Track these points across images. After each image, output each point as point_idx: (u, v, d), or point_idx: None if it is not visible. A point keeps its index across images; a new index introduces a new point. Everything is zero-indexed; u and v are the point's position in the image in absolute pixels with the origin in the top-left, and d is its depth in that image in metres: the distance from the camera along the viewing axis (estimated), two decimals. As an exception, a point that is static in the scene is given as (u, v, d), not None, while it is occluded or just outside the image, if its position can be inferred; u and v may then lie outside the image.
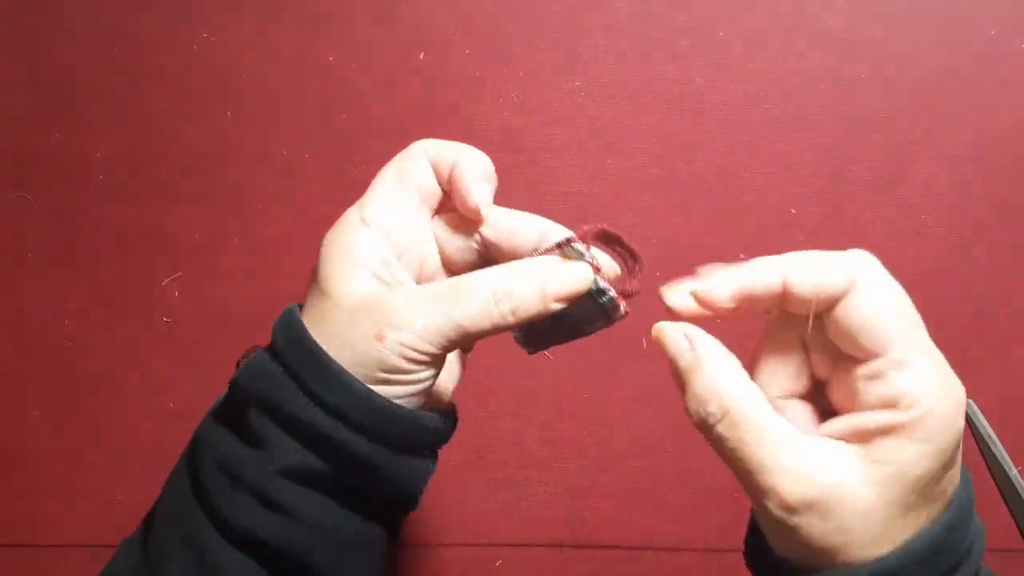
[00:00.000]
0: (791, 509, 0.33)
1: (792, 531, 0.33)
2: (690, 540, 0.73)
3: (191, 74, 0.78)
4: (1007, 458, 0.71)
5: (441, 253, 0.42)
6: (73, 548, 0.74)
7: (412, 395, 0.38)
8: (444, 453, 0.42)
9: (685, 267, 0.38)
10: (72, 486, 0.74)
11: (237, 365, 0.41)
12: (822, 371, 0.37)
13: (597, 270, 0.39)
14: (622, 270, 0.41)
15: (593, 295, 0.39)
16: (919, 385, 0.33)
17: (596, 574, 0.73)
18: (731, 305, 0.36)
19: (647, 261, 0.77)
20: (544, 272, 0.38)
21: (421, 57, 0.78)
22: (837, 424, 0.35)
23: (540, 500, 0.74)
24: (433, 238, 0.42)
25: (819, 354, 0.37)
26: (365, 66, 0.78)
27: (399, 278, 0.39)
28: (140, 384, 0.75)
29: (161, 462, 0.77)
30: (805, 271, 0.35)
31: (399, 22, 0.78)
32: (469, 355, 0.47)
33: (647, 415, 0.74)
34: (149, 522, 0.42)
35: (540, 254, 0.39)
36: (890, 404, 0.33)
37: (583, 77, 0.77)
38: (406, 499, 0.41)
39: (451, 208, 0.42)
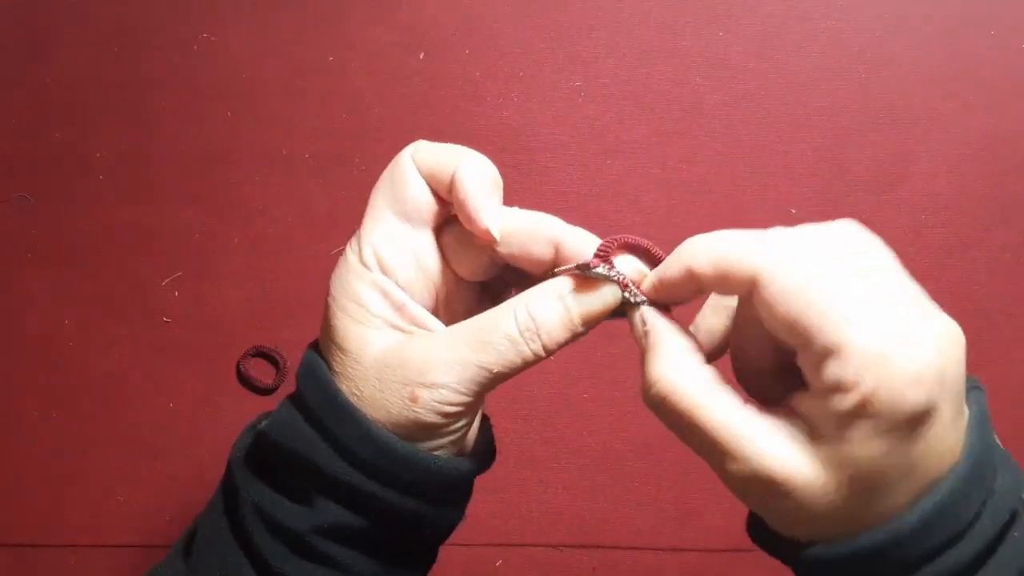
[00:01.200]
0: (738, 490, 0.33)
1: (772, 515, 0.33)
2: (690, 540, 0.73)
3: (191, 74, 0.78)
4: (1007, 458, 0.71)
5: (454, 270, 0.39)
6: (73, 548, 0.74)
7: (450, 444, 0.37)
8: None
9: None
10: (72, 486, 0.74)
11: (238, 368, 0.40)
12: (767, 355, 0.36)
13: (624, 286, 0.36)
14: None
15: (625, 306, 0.37)
16: (860, 361, 0.30)
17: (596, 574, 0.73)
18: (656, 296, 0.37)
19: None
20: (569, 299, 0.36)
21: (421, 57, 0.78)
22: (783, 407, 0.33)
23: (540, 500, 0.74)
24: (438, 260, 0.38)
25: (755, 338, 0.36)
26: (365, 66, 0.78)
27: (418, 318, 0.37)
28: (140, 384, 0.75)
29: (161, 462, 0.77)
30: (707, 267, 0.34)
31: (399, 22, 0.78)
32: None
33: (647, 415, 0.74)
34: (187, 550, 0.41)
35: (561, 273, 0.37)
36: (832, 390, 0.31)
37: (583, 77, 0.77)
38: (436, 546, 0.41)
39: (452, 219, 0.39)
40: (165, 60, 0.78)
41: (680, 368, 0.34)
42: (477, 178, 0.36)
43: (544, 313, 0.36)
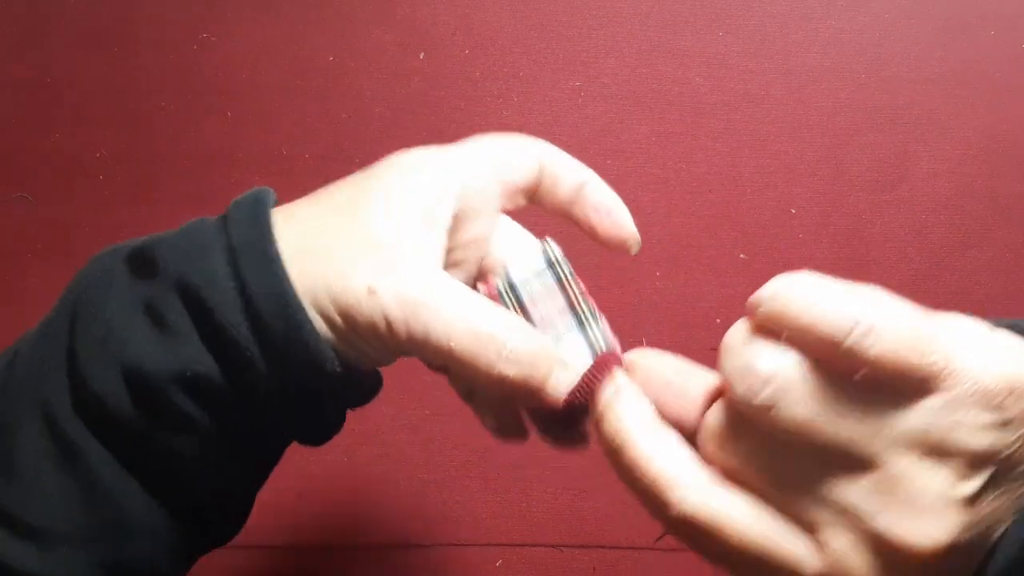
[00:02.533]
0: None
1: None
2: (690, 540, 0.73)
3: (191, 74, 0.78)
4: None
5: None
6: (73, 548, 0.74)
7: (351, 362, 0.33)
8: (444, 453, 0.42)
9: (685, 267, 0.38)
10: (72, 486, 0.74)
11: None
12: None
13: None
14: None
15: None
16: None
17: (596, 574, 0.73)
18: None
19: (647, 261, 0.77)
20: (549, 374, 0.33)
21: (421, 57, 0.78)
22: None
23: (540, 500, 0.74)
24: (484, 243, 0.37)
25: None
26: (365, 66, 0.78)
27: (442, 223, 0.34)
28: (140, 384, 0.75)
29: (161, 462, 0.77)
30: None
31: (399, 22, 0.78)
32: None
33: (647, 415, 0.74)
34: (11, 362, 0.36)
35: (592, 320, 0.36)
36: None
37: (583, 77, 0.77)
38: (260, 473, 0.37)
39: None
40: (165, 60, 0.78)
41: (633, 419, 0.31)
42: (609, 193, 0.37)
43: (537, 361, 0.33)
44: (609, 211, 0.36)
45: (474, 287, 0.35)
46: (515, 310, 0.35)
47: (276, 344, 0.31)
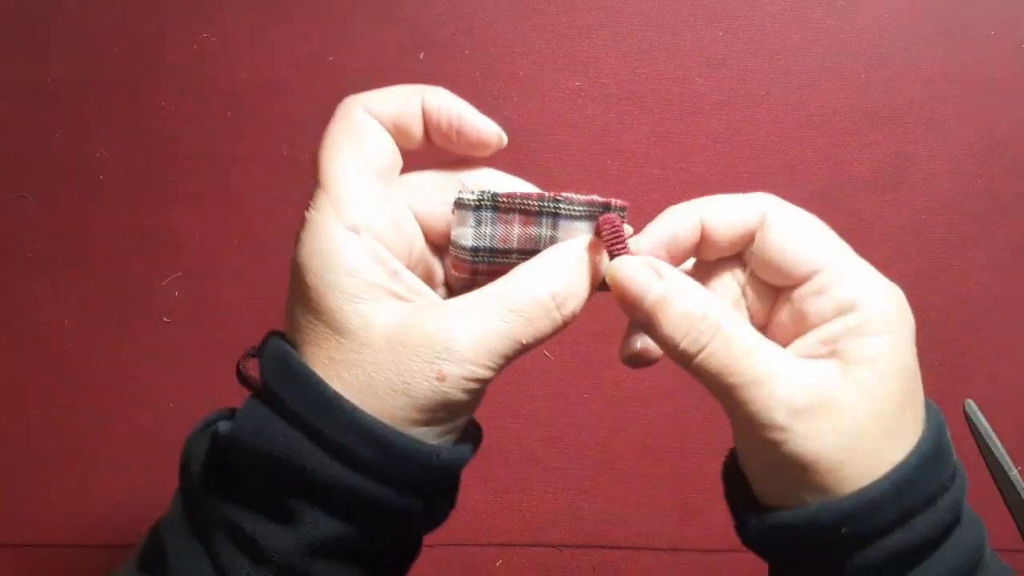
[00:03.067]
0: (797, 412, 0.31)
1: (792, 448, 0.31)
2: (690, 540, 0.73)
3: (191, 74, 0.78)
4: (1007, 458, 0.71)
5: (422, 227, 0.36)
6: (73, 548, 0.74)
7: (456, 428, 0.34)
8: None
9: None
10: (72, 486, 0.74)
11: (238, 368, 0.35)
12: (760, 319, 0.37)
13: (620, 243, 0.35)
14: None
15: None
16: (867, 285, 0.33)
17: (596, 574, 0.73)
18: (663, 254, 0.35)
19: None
20: (587, 261, 0.34)
21: (421, 57, 0.78)
22: (799, 345, 0.34)
23: (540, 500, 0.74)
24: (412, 215, 0.35)
25: (755, 303, 0.36)
26: (365, 66, 0.78)
27: (412, 286, 0.34)
28: (140, 384, 0.75)
29: (161, 462, 0.77)
30: (717, 209, 0.35)
31: (399, 22, 0.78)
32: None
33: (647, 415, 0.74)
34: (143, 564, 0.35)
35: (577, 205, 0.35)
36: (845, 309, 0.33)
37: (583, 77, 0.77)
38: (419, 542, 0.38)
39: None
40: (165, 60, 0.78)
41: (719, 303, 0.33)
42: (452, 99, 0.35)
43: (577, 276, 0.34)
44: (453, 125, 0.35)
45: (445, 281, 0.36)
46: (496, 261, 0.35)
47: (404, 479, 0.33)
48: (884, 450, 0.32)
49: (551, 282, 0.33)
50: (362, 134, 0.35)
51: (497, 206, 0.35)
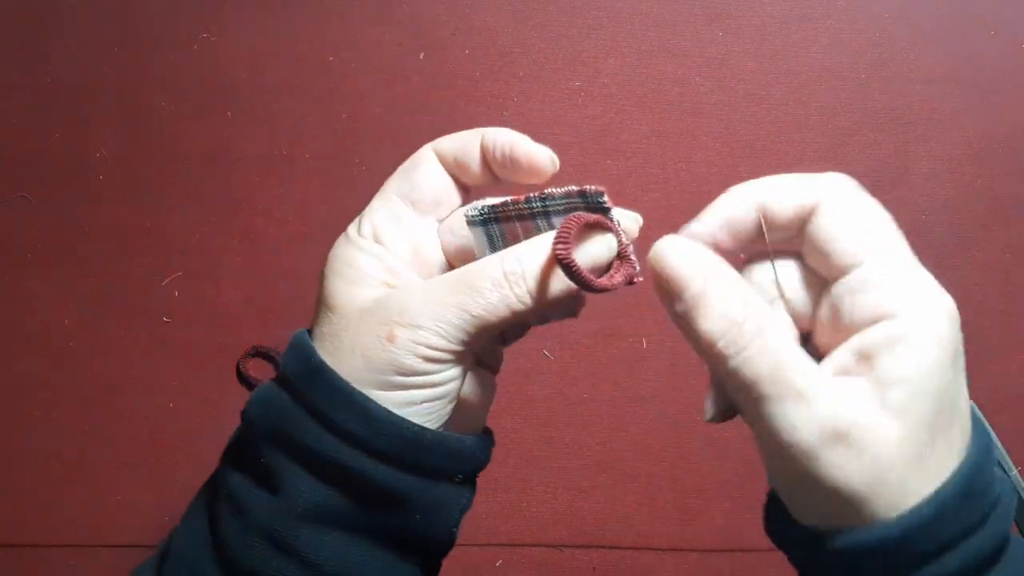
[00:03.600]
0: (824, 438, 0.29)
1: (819, 476, 0.29)
2: (690, 540, 0.73)
3: (191, 74, 0.78)
4: (1007, 458, 0.71)
5: (450, 263, 0.38)
6: (73, 548, 0.74)
7: (435, 400, 0.34)
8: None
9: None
10: (72, 486, 0.74)
11: (238, 368, 0.38)
12: (802, 319, 0.34)
13: (618, 234, 0.35)
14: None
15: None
16: (912, 291, 0.30)
17: (596, 574, 0.73)
18: (724, 238, 0.34)
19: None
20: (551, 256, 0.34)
21: (421, 57, 0.78)
22: (836, 357, 0.31)
23: (540, 500, 0.74)
24: (438, 250, 0.38)
25: (798, 301, 0.34)
26: (365, 66, 0.78)
27: (407, 281, 0.36)
28: (140, 384, 0.75)
29: (161, 462, 0.77)
30: (775, 191, 0.34)
31: (399, 22, 0.78)
32: (496, 374, 0.41)
33: (647, 415, 0.74)
34: (163, 558, 0.38)
35: (558, 198, 0.36)
36: (883, 315, 0.30)
37: (583, 77, 0.77)
38: (439, 534, 0.37)
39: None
40: (165, 60, 0.78)
41: (761, 309, 0.31)
42: (509, 132, 0.37)
43: (531, 257, 0.34)
44: (506, 154, 0.37)
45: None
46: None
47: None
48: (912, 481, 0.29)
49: (509, 259, 0.34)
50: (416, 167, 0.38)
51: (498, 217, 0.36)
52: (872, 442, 0.29)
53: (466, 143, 0.38)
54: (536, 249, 0.35)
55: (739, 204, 0.34)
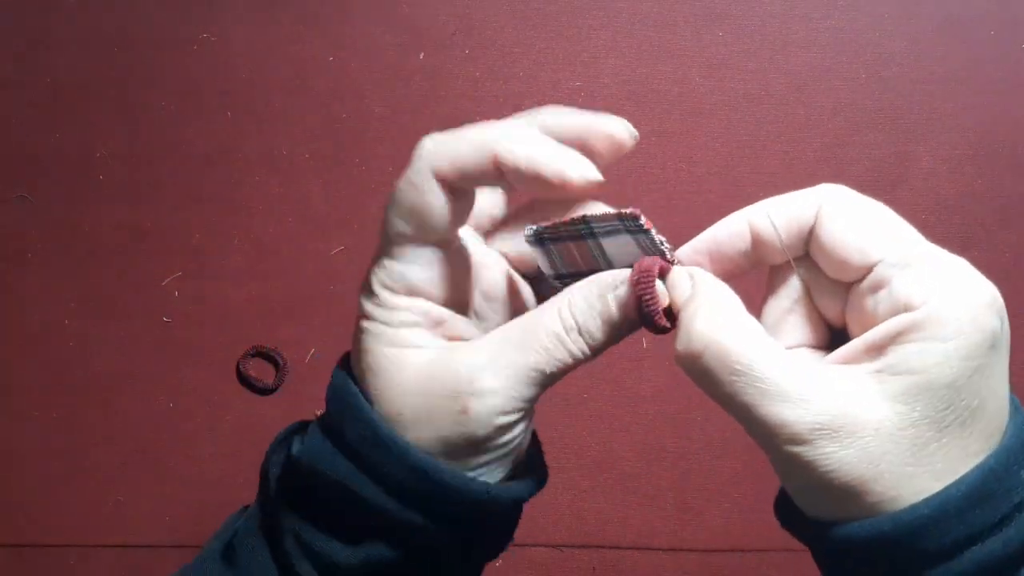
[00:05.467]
0: (802, 439, 0.28)
1: (811, 470, 0.29)
2: (690, 540, 0.73)
3: (191, 74, 0.78)
4: None
5: (516, 267, 0.36)
6: (73, 548, 0.74)
7: (504, 458, 0.34)
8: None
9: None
10: (72, 486, 0.74)
11: (238, 368, 0.37)
12: (834, 317, 0.34)
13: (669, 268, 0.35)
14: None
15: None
16: (925, 280, 0.29)
17: (596, 574, 0.73)
18: (704, 261, 0.34)
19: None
20: (610, 295, 0.33)
21: (421, 57, 0.78)
22: (846, 348, 0.31)
23: (540, 500, 0.73)
24: (469, 273, 0.35)
25: (825, 299, 0.34)
26: (365, 66, 0.78)
27: (459, 333, 0.34)
28: (140, 384, 0.75)
29: (161, 462, 0.77)
30: (771, 210, 0.33)
31: (399, 22, 0.78)
32: None
33: (647, 416, 0.74)
34: (226, 554, 0.38)
35: (599, 222, 0.34)
36: (900, 308, 0.29)
37: (583, 77, 0.77)
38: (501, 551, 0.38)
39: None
40: (165, 60, 0.78)
41: (728, 316, 0.31)
42: (525, 145, 0.33)
43: (585, 312, 0.33)
44: (534, 177, 0.34)
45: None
46: (579, 280, 0.35)
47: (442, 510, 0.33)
48: (915, 477, 0.28)
49: (565, 314, 0.33)
50: (420, 196, 0.34)
51: (551, 237, 0.35)
52: (861, 432, 0.28)
53: (472, 160, 0.34)
54: (595, 297, 0.34)
55: (726, 228, 0.35)
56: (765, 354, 0.30)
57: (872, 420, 0.28)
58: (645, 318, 0.32)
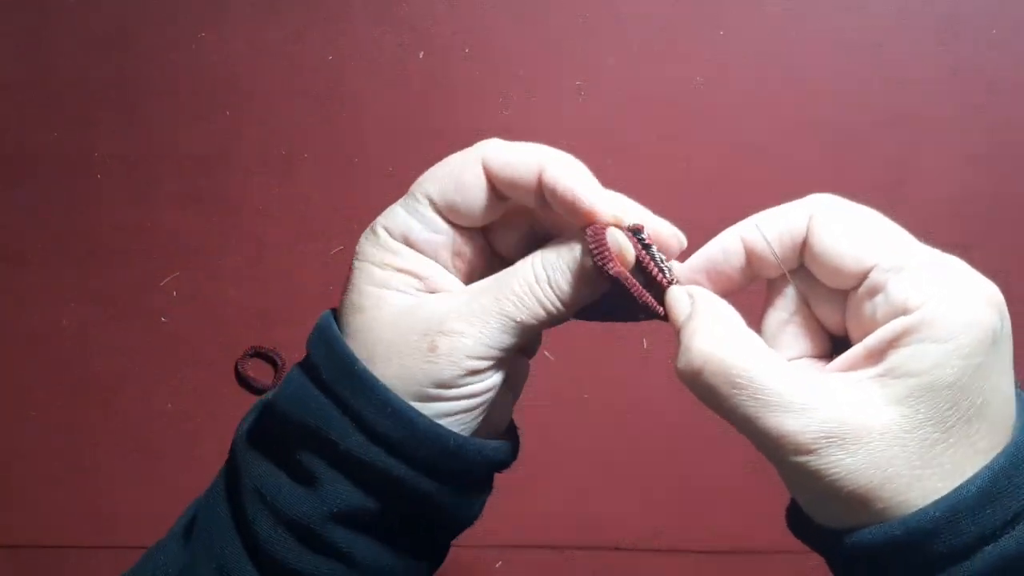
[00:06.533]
0: (807, 449, 0.28)
1: (818, 479, 0.29)
2: (690, 540, 0.73)
3: (191, 74, 0.78)
4: None
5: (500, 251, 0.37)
6: (73, 548, 0.74)
7: (471, 411, 0.34)
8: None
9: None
10: (72, 486, 0.74)
11: (236, 369, 0.37)
12: (835, 325, 0.34)
13: (655, 274, 0.35)
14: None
15: (647, 275, 0.35)
16: (921, 282, 0.29)
17: (597, 574, 0.73)
18: (702, 280, 0.35)
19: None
20: (575, 250, 0.34)
21: (421, 57, 0.78)
22: (846, 355, 0.31)
23: (540, 501, 0.74)
24: (471, 254, 0.37)
25: (825, 309, 0.34)
26: (365, 66, 0.78)
27: (444, 286, 0.35)
28: (139, 384, 0.75)
29: (161, 462, 0.77)
30: (762, 224, 0.33)
31: (399, 22, 0.78)
32: (532, 356, 0.40)
33: (647, 416, 0.74)
34: (186, 535, 0.39)
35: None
36: (898, 312, 0.29)
37: (583, 77, 0.77)
38: (462, 525, 0.37)
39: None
40: (165, 60, 0.78)
41: (728, 332, 0.32)
42: (568, 173, 0.34)
43: (553, 260, 0.34)
44: (570, 203, 0.34)
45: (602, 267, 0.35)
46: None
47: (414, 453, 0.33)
48: (925, 479, 0.28)
49: (539, 258, 0.34)
50: (463, 174, 0.35)
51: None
52: (867, 438, 0.28)
53: (520, 170, 0.34)
54: (566, 255, 0.35)
55: (720, 245, 0.35)
56: (765, 366, 0.30)
57: (877, 425, 0.28)
58: (598, 268, 0.33)
